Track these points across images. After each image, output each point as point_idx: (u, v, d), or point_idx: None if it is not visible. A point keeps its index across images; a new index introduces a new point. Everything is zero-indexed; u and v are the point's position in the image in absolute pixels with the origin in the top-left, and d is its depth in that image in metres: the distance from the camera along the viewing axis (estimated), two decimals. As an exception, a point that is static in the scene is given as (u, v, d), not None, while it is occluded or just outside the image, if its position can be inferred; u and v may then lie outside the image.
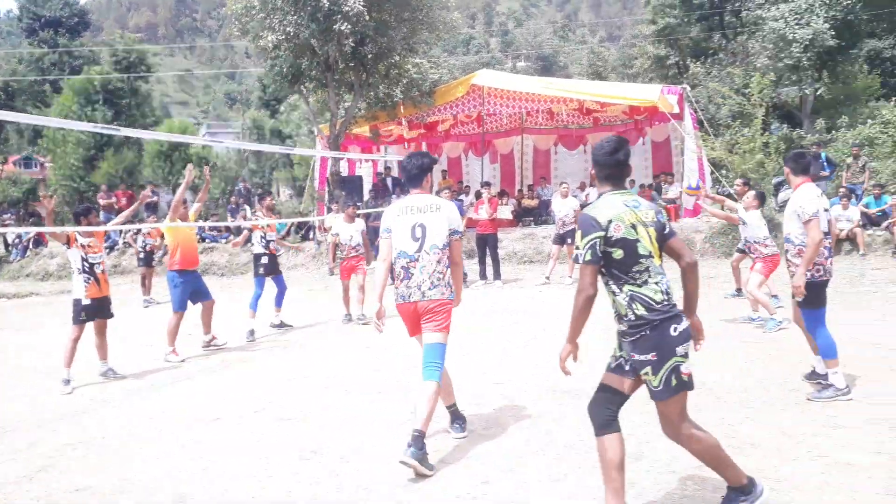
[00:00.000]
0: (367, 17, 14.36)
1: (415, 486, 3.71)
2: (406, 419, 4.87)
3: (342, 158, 17.27)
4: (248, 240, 9.16)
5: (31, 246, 19.03)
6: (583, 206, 14.58)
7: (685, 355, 2.97)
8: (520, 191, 18.62)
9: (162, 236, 13.27)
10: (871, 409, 4.50)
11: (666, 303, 2.97)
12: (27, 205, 25.24)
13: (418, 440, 3.84)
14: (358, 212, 15.46)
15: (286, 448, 4.41)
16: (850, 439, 4.02)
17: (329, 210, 15.56)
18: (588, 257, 2.95)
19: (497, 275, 11.89)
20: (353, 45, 15.00)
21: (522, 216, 16.87)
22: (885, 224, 11.76)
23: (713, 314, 8.20)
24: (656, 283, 2.98)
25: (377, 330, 4.29)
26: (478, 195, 14.22)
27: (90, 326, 6.58)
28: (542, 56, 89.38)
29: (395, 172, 19.59)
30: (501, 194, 16.90)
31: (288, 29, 14.61)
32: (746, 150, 14.79)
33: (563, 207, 11.56)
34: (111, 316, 6.71)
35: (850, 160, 14.10)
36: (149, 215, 16.82)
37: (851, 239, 11.65)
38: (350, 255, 9.28)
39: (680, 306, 3.05)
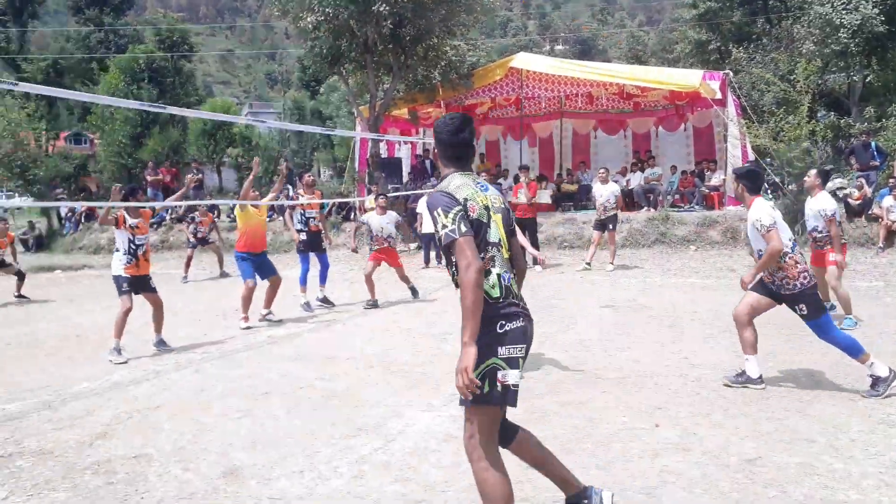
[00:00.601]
0: (405, -1, 14.34)
1: (458, 469, 3.76)
2: (448, 401, 4.93)
3: (382, 140, 17.34)
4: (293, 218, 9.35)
5: (82, 220, 19.65)
6: (623, 191, 14.48)
7: (509, 361, 2.61)
8: (559, 175, 18.48)
9: (214, 223, 13.87)
10: (926, 407, 4.41)
11: (502, 300, 2.66)
12: (78, 180, 25.91)
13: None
14: (396, 194, 15.64)
15: (333, 425, 4.49)
16: (904, 437, 3.94)
17: (369, 191, 15.66)
18: (463, 228, 2.57)
19: (536, 259, 11.85)
20: (391, 26, 15.01)
21: (562, 201, 16.75)
22: (938, 216, 11.39)
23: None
24: (498, 277, 2.67)
25: None
26: (516, 179, 14.16)
27: (143, 301, 6.80)
28: (580, 39, 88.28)
29: (433, 155, 19.62)
30: (540, 178, 16.80)
31: (327, 10, 14.67)
32: (792, 138, 14.44)
33: (603, 192, 11.44)
34: (153, 290, 6.90)
35: (901, 149, 13.67)
36: (196, 194, 17.17)
37: (903, 231, 11.33)
38: (382, 247, 9.34)
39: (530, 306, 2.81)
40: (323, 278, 9.21)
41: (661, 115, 18.42)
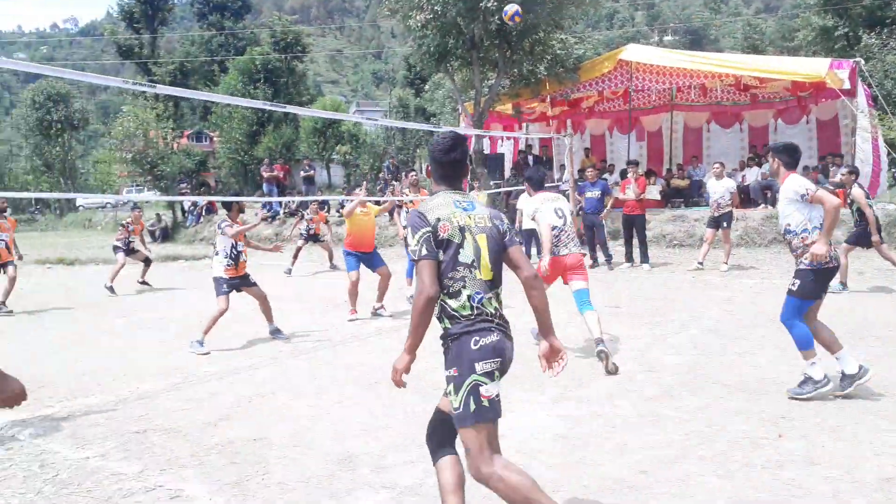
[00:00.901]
0: (514, -6, 14.24)
1: (569, 470, 3.70)
2: (557, 399, 4.87)
3: (485, 136, 17.37)
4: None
5: (203, 213, 20.97)
6: (739, 187, 13.77)
7: (488, 375, 2.63)
8: (668, 170, 17.84)
9: (326, 222, 14.33)
10: None
11: (473, 317, 2.66)
12: (199, 175, 27.66)
13: (602, 342, 5.56)
14: (497, 190, 15.63)
15: (441, 418, 4.54)
16: None
17: (472, 188, 15.73)
18: (423, 251, 2.65)
19: (644, 258, 11.51)
20: (498, 22, 14.98)
21: (671, 197, 16.18)
22: None
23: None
24: (468, 298, 2.66)
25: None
26: (623, 174, 13.80)
27: (245, 299, 7.13)
28: (690, 30, 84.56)
29: (536, 150, 19.48)
30: (649, 174, 16.30)
31: (436, 8, 14.83)
32: (932, 130, 13.30)
33: (717, 188, 10.93)
34: (254, 284, 7.19)
35: None
36: (307, 189, 17.92)
37: None
38: None
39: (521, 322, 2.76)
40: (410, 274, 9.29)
41: (781, 108, 17.40)
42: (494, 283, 2.77)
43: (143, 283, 11.86)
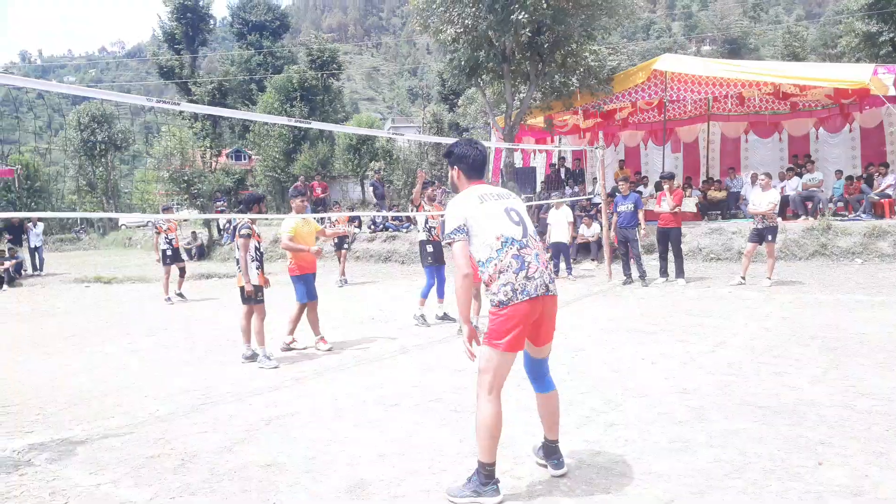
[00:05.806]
0: (545, 6, 14.14)
1: (591, 499, 3.51)
2: (581, 423, 4.68)
3: (516, 150, 17.24)
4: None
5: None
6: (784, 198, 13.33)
7: None
8: (705, 182, 17.45)
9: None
10: None
11: None
12: (237, 193, 28.12)
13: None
14: (529, 203, 15.45)
15: (461, 441, 4.39)
16: None
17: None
18: None
19: (680, 272, 11.19)
20: (529, 34, 14.88)
21: (707, 209, 15.79)
22: None
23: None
24: None
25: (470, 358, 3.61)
26: (658, 187, 13.50)
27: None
28: (729, 39, 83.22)
29: (568, 163, 19.26)
30: (685, 185, 15.97)
31: (466, 21, 14.82)
32: None
33: (761, 201, 10.54)
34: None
35: None
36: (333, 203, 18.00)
37: None
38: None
39: None
40: (441, 292, 8.97)
41: (823, 116, 16.92)
42: None
43: (180, 295, 12.25)
